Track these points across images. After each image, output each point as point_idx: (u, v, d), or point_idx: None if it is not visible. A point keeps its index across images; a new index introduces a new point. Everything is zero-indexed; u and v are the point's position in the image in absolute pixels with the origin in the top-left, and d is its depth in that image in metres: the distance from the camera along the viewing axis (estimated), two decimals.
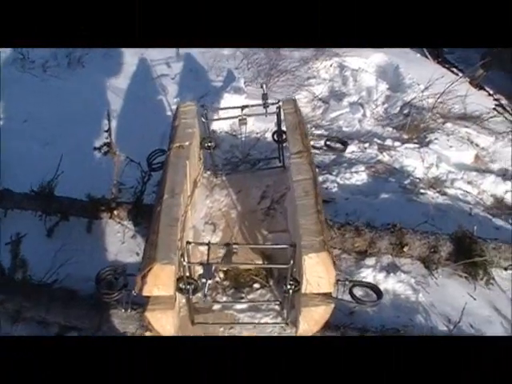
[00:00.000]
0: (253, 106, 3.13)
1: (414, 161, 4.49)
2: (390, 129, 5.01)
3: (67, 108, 4.81)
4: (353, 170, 4.29)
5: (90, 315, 2.99)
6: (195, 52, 5.98)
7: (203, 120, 3.06)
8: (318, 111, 5.25)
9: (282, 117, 3.03)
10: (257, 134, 4.65)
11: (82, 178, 3.86)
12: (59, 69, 5.41)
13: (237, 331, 2.41)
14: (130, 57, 5.73)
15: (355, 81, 5.70)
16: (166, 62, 5.72)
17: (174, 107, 4.83)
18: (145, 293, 2.10)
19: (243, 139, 4.28)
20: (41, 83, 5.21)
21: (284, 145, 3.16)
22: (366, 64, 6.01)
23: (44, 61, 5.45)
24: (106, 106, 4.77)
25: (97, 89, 5.17)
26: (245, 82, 5.35)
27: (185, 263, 2.20)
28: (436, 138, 4.77)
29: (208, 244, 2.23)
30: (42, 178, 3.70)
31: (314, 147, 3.12)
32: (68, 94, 5.03)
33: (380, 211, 3.85)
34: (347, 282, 2.32)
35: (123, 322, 2.94)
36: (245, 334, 2.39)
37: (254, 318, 2.46)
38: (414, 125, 4.97)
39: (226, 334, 2.39)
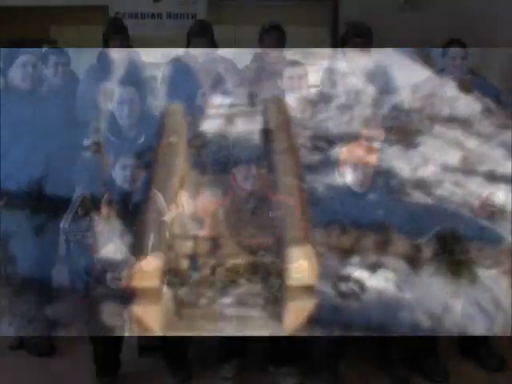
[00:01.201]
0: (240, 105, 3.15)
1: (401, 162, 4.51)
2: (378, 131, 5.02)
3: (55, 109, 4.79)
4: (339, 170, 4.29)
5: (77, 311, 3.01)
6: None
7: (191, 120, 3.08)
8: (306, 114, 5.26)
9: (269, 116, 3.05)
10: (244, 133, 4.65)
11: (70, 176, 3.86)
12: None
13: (222, 325, 2.45)
14: (119, 57, 5.69)
15: (344, 84, 5.72)
16: (154, 64, 5.71)
17: (161, 109, 4.83)
18: (132, 284, 2.12)
19: (230, 139, 4.29)
20: None
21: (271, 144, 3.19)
22: (354, 67, 6.03)
23: None
24: (94, 106, 4.78)
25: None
26: (233, 84, 5.35)
27: (172, 256, 2.23)
28: (423, 140, 4.79)
29: (194, 238, 2.26)
30: (30, 177, 3.70)
31: (301, 146, 3.15)
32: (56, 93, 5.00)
33: (366, 211, 3.87)
34: (331, 277, 2.36)
35: (111, 317, 2.95)
36: (230, 327, 2.43)
37: (239, 312, 2.49)
38: (401, 127, 4.99)
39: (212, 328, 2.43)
